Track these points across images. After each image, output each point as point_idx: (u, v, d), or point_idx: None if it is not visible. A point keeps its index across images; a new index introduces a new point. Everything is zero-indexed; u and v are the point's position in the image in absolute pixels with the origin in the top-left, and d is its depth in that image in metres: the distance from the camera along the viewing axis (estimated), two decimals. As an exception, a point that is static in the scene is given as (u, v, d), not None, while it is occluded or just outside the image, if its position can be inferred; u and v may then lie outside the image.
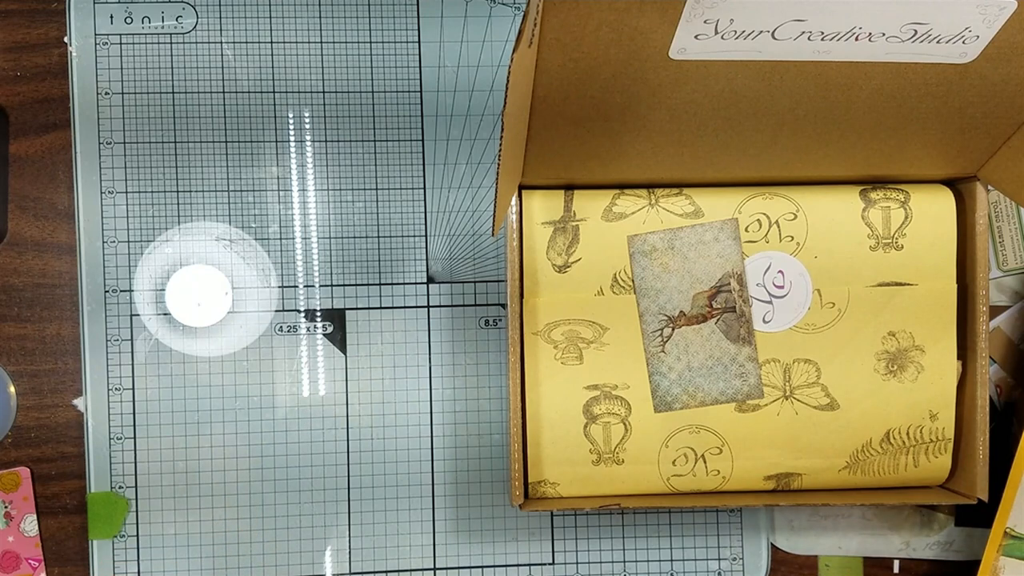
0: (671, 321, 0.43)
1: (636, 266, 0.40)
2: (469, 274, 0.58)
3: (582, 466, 0.51)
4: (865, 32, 0.38)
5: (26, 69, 0.56)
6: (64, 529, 0.56)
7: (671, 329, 0.43)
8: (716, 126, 0.44)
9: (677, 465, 0.51)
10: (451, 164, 0.58)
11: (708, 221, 0.40)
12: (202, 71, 0.57)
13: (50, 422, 0.56)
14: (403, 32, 0.57)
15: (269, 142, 0.57)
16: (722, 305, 0.42)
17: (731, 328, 0.42)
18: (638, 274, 0.41)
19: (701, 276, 0.42)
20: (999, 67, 0.41)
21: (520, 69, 0.35)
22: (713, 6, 0.36)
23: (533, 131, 0.44)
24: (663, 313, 0.42)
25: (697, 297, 0.42)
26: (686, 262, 0.41)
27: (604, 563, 0.58)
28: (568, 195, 0.50)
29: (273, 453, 0.57)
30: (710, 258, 0.42)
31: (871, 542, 0.58)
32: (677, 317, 0.42)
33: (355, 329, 0.57)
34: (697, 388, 0.41)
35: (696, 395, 0.41)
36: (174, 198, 0.57)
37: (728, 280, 0.42)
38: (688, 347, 0.42)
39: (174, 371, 0.56)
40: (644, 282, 0.41)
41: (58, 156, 0.56)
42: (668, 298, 0.42)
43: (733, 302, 0.41)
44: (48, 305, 0.56)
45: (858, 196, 0.50)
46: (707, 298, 0.42)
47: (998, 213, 0.58)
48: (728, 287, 0.42)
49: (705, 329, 0.42)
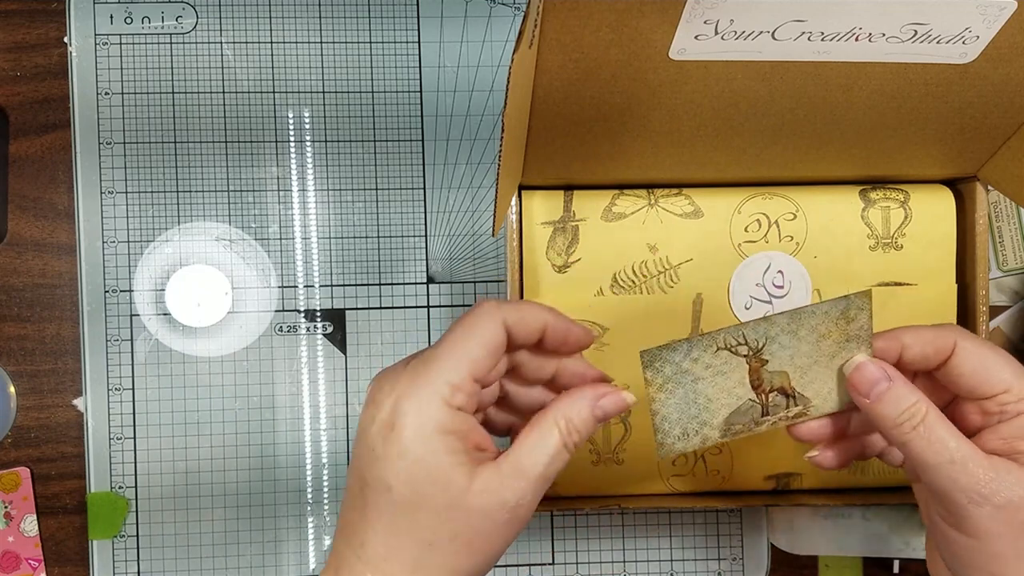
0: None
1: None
2: (469, 274, 0.58)
3: (582, 466, 0.51)
4: (865, 32, 0.38)
5: (26, 69, 0.56)
6: (64, 529, 0.56)
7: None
8: (716, 126, 0.44)
9: (677, 465, 0.51)
10: (451, 164, 0.58)
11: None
12: (202, 71, 0.57)
13: (50, 422, 0.56)
14: (403, 32, 0.57)
15: (269, 142, 0.57)
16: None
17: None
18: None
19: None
20: (999, 67, 0.41)
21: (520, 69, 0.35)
22: (713, 6, 0.36)
23: (533, 131, 0.44)
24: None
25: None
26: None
27: (604, 563, 0.58)
28: (568, 195, 0.50)
29: (273, 453, 0.57)
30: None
31: (871, 542, 0.58)
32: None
33: (355, 329, 0.57)
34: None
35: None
36: (174, 198, 0.57)
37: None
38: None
39: (174, 371, 0.56)
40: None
41: (58, 156, 0.56)
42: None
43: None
44: (48, 305, 0.56)
45: (858, 196, 0.50)
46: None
47: (998, 213, 0.58)
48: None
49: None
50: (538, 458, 0.34)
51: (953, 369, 0.38)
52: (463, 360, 0.34)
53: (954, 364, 0.38)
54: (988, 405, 0.38)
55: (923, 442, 0.36)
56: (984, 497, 0.35)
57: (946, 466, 0.36)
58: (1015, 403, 0.37)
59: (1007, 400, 0.37)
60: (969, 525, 0.36)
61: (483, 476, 0.33)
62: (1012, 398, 0.37)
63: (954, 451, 0.36)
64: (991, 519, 0.35)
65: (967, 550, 0.36)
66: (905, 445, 0.37)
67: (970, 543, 0.36)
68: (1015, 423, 0.37)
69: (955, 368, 0.38)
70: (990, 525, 0.35)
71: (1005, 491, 0.35)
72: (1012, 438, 0.37)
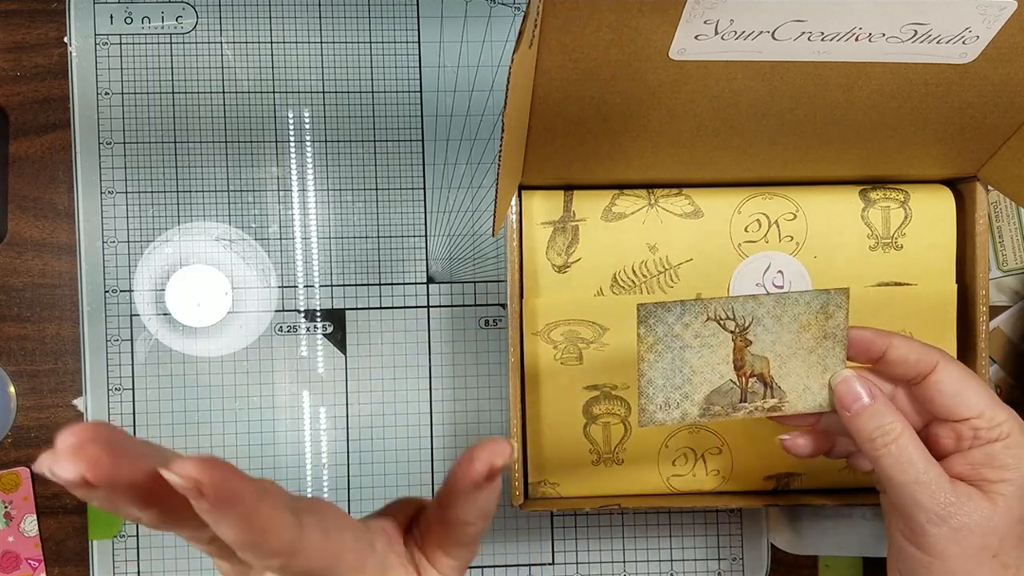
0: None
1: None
2: (469, 274, 0.58)
3: (582, 466, 0.51)
4: (865, 32, 0.38)
5: (26, 69, 0.56)
6: (64, 529, 0.56)
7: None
8: (716, 126, 0.44)
9: (677, 465, 0.51)
10: (451, 164, 0.58)
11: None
12: (202, 71, 0.57)
13: (50, 422, 0.56)
14: (403, 32, 0.57)
15: (269, 142, 0.57)
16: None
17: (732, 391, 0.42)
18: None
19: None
20: (999, 67, 0.41)
21: (520, 70, 0.35)
22: (713, 6, 0.36)
23: (533, 131, 0.44)
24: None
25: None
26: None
27: (604, 563, 0.58)
28: (568, 195, 0.50)
29: (273, 453, 0.57)
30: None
31: (871, 542, 0.58)
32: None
33: (355, 329, 0.57)
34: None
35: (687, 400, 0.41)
36: (174, 198, 0.57)
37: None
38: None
39: (174, 371, 0.56)
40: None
41: (58, 156, 0.56)
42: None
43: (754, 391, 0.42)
44: (48, 305, 0.56)
45: (858, 196, 0.50)
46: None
47: (998, 213, 0.58)
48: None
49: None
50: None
51: (932, 385, 0.40)
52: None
53: (934, 380, 0.40)
54: (961, 429, 0.40)
55: (892, 460, 0.38)
56: (942, 519, 0.37)
57: (911, 485, 0.38)
58: (986, 430, 0.39)
59: (979, 426, 0.39)
60: (926, 543, 0.38)
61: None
62: (984, 424, 0.39)
63: (920, 472, 0.38)
64: (947, 540, 0.37)
65: (923, 567, 0.39)
66: (876, 460, 0.39)
67: (926, 560, 0.38)
68: (984, 450, 0.39)
69: (934, 384, 0.40)
70: (946, 546, 0.38)
71: (963, 515, 0.37)
72: (979, 465, 0.39)
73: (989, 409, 0.39)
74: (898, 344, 0.40)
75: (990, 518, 0.37)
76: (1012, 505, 0.38)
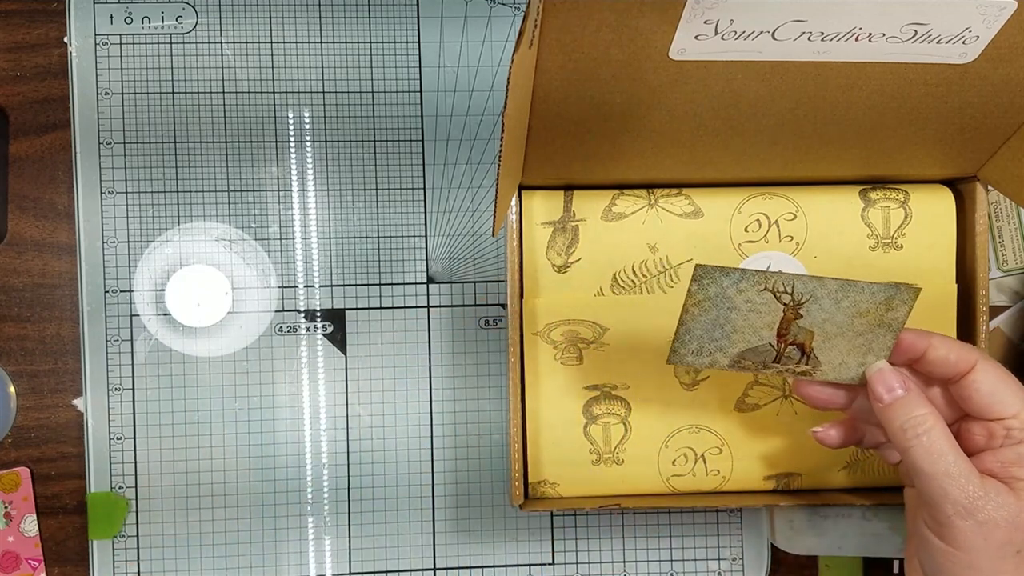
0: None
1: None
2: (469, 274, 0.58)
3: (582, 466, 0.51)
4: (865, 32, 0.38)
5: (26, 69, 0.56)
6: (64, 529, 0.56)
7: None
8: (716, 126, 0.44)
9: (677, 465, 0.51)
10: (451, 164, 0.58)
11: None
12: (202, 71, 0.57)
13: (50, 422, 0.56)
14: (403, 32, 0.57)
15: (269, 142, 0.57)
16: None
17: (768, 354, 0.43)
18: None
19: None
20: (999, 67, 0.41)
21: (520, 70, 0.35)
22: (713, 6, 0.36)
23: (533, 131, 0.44)
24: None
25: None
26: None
27: (604, 563, 0.58)
28: (568, 195, 0.50)
29: (273, 453, 0.57)
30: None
31: (871, 542, 0.58)
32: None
33: (355, 329, 0.57)
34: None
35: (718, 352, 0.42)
36: (174, 198, 0.57)
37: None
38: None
39: (174, 371, 0.56)
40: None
41: (58, 156, 0.56)
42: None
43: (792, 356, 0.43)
44: (48, 305, 0.56)
45: (858, 196, 0.50)
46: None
47: (998, 213, 0.58)
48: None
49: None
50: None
51: (969, 384, 0.40)
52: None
53: (971, 379, 0.40)
54: (994, 428, 0.40)
55: (923, 451, 0.39)
56: (969, 512, 0.38)
57: (941, 477, 0.38)
58: (1019, 430, 0.40)
59: (1013, 425, 0.40)
60: (951, 535, 0.39)
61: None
62: (1018, 424, 0.40)
63: (951, 464, 0.38)
64: (972, 533, 0.38)
65: (946, 558, 0.39)
66: (907, 451, 0.40)
67: (950, 552, 0.39)
68: (1015, 450, 0.40)
69: (971, 384, 0.40)
70: (971, 538, 0.38)
71: (990, 510, 0.38)
72: (1010, 463, 0.40)
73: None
74: (938, 344, 0.41)
75: (1017, 514, 0.38)
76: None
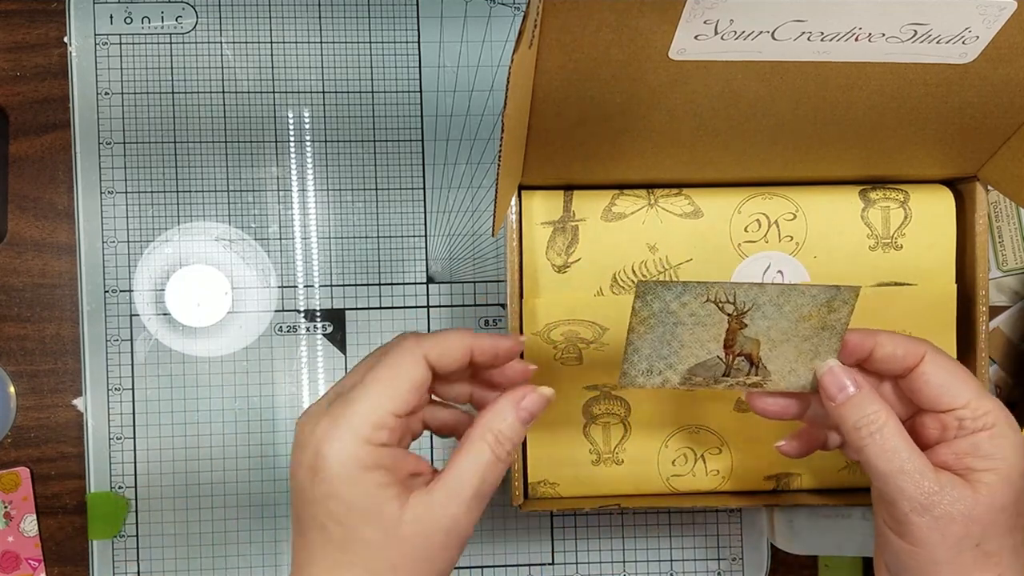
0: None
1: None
2: (469, 274, 0.58)
3: (582, 466, 0.51)
4: (865, 32, 0.38)
5: (26, 69, 0.56)
6: (64, 529, 0.56)
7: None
8: (716, 126, 0.44)
9: (677, 465, 0.51)
10: (451, 164, 0.58)
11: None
12: (202, 71, 0.57)
13: (50, 422, 0.56)
14: (403, 32, 0.57)
15: (269, 142, 0.57)
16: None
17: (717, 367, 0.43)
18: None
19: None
20: (999, 67, 0.41)
21: (520, 70, 0.35)
22: (713, 6, 0.36)
23: (533, 131, 0.44)
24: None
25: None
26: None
27: (604, 563, 0.58)
28: (568, 195, 0.50)
29: (273, 453, 0.57)
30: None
31: (871, 542, 0.58)
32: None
33: (355, 329, 0.57)
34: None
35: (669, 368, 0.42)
36: (174, 198, 0.57)
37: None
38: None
39: (174, 371, 0.56)
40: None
41: (58, 156, 0.56)
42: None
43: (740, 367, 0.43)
44: (48, 305, 0.56)
45: (858, 196, 0.50)
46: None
47: (998, 213, 0.58)
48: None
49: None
50: (470, 478, 0.36)
51: (919, 377, 0.40)
52: (382, 398, 0.35)
53: (921, 372, 0.40)
54: (947, 419, 0.40)
55: (877, 449, 0.38)
56: (925, 508, 0.37)
57: (896, 474, 0.38)
58: (971, 420, 0.39)
59: (965, 416, 0.39)
60: (909, 532, 0.38)
61: (415, 505, 0.35)
62: (969, 414, 0.39)
63: (905, 461, 0.38)
64: (929, 529, 0.38)
65: (907, 556, 0.39)
66: (861, 449, 0.39)
67: (910, 549, 0.38)
68: (969, 440, 0.39)
69: (921, 376, 0.40)
70: (928, 534, 0.38)
71: (945, 505, 0.37)
72: (964, 454, 0.39)
73: (975, 399, 0.39)
74: (884, 341, 0.40)
75: (973, 507, 0.37)
76: (995, 494, 0.38)
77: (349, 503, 0.34)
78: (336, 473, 0.34)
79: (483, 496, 0.36)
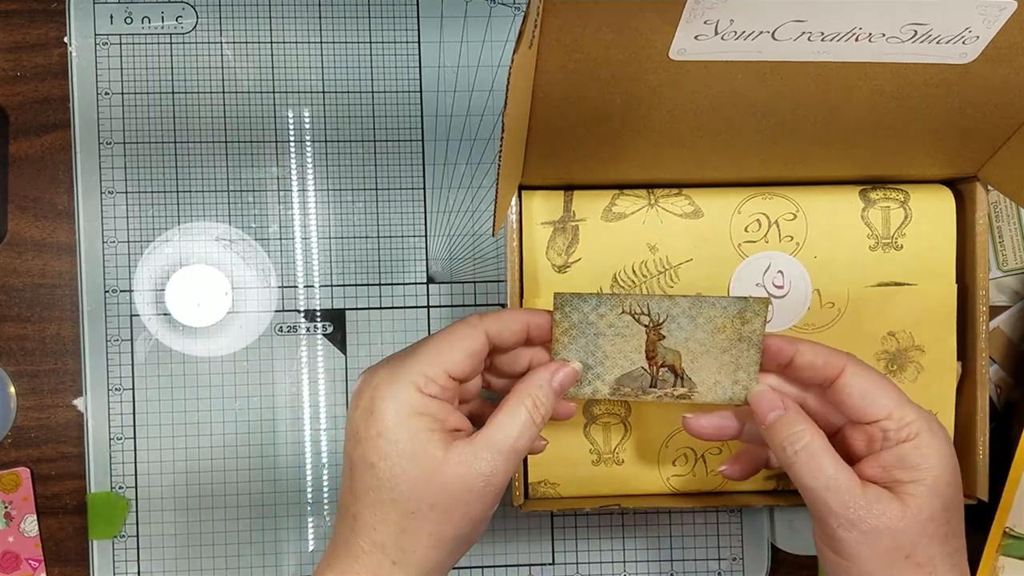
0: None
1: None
2: (469, 274, 0.58)
3: (582, 466, 0.51)
4: (865, 32, 0.38)
5: (26, 69, 0.56)
6: (64, 529, 0.56)
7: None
8: (716, 126, 0.44)
9: (677, 465, 0.51)
10: (451, 164, 0.58)
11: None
12: (202, 71, 0.57)
13: (50, 422, 0.56)
14: (403, 32, 0.57)
15: (269, 142, 0.57)
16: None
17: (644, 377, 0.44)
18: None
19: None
20: (999, 67, 0.41)
21: (520, 70, 0.35)
22: (713, 6, 0.36)
23: (533, 131, 0.44)
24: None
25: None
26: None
27: (604, 563, 0.58)
28: (568, 195, 0.50)
29: (273, 453, 0.57)
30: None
31: (871, 542, 0.58)
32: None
33: (355, 329, 0.57)
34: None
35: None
36: (174, 198, 0.57)
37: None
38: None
39: (174, 371, 0.56)
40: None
41: (58, 156, 0.56)
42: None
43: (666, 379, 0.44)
44: (48, 305, 0.56)
45: (858, 196, 0.50)
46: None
47: (998, 213, 0.58)
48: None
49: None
50: (509, 432, 0.39)
51: (842, 389, 0.40)
52: (440, 357, 0.39)
53: (842, 384, 0.40)
54: (871, 431, 0.40)
55: (803, 466, 0.39)
56: (852, 523, 0.38)
57: (822, 491, 0.38)
58: (895, 431, 0.39)
59: (888, 427, 0.39)
60: (840, 547, 0.38)
61: (457, 450, 0.38)
62: (893, 425, 0.39)
63: (830, 478, 0.38)
64: (858, 543, 0.38)
65: (839, 569, 0.39)
66: (790, 467, 0.40)
67: (842, 564, 0.39)
68: (894, 452, 0.39)
69: (843, 388, 0.40)
70: (858, 549, 0.38)
71: (872, 519, 0.38)
72: (890, 467, 0.39)
73: (898, 410, 0.39)
74: (805, 350, 0.41)
75: (900, 519, 0.37)
76: (923, 505, 0.38)
77: (397, 442, 0.37)
78: (389, 415, 0.37)
79: (519, 452, 0.39)
